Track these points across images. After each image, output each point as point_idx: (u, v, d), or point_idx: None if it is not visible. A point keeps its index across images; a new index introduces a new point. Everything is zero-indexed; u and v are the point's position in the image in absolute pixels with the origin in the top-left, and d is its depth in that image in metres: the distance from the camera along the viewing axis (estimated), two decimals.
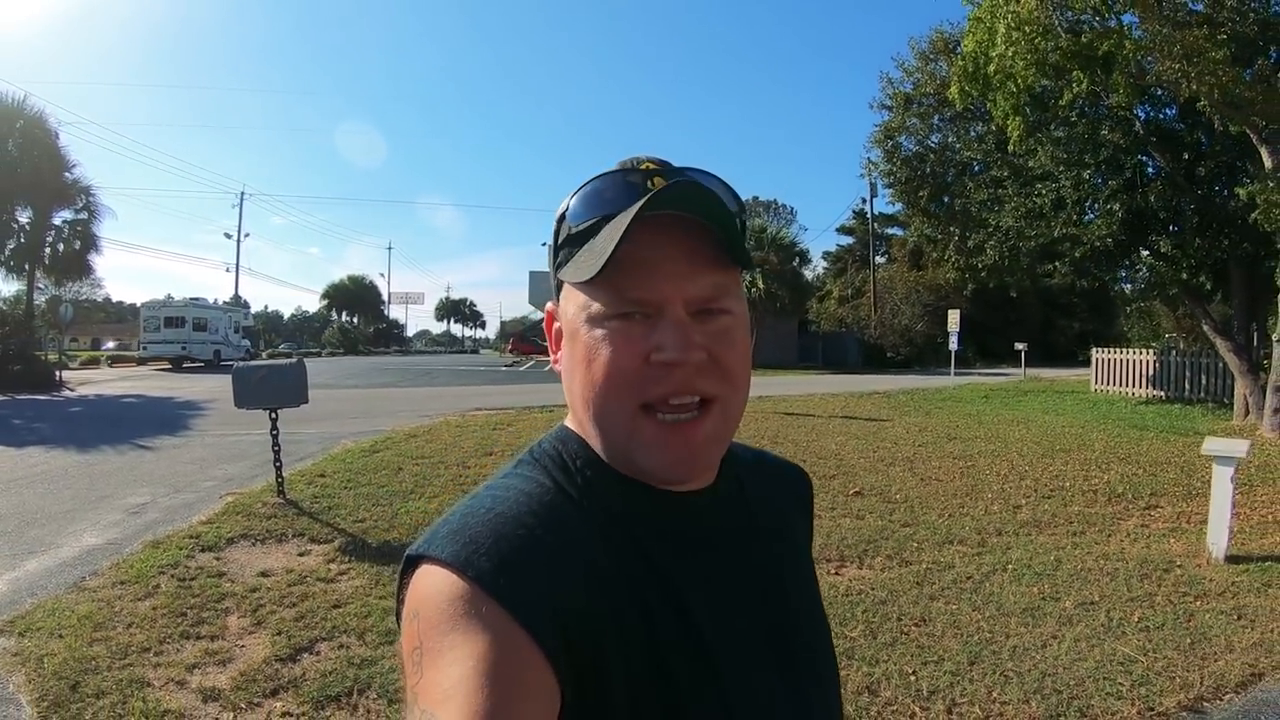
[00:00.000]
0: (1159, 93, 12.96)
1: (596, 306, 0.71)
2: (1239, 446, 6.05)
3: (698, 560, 0.76)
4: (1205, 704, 3.58)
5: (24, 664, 3.74)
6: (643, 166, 0.75)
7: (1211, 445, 6.08)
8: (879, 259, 45.66)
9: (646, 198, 0.67)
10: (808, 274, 36.78)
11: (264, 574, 4.95)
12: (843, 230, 54.14)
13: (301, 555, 5.38)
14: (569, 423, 0.81)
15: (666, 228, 0.69)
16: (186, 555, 5.29)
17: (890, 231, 47.90)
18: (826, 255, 55.80)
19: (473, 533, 0.66)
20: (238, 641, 3.98)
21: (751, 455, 0.95)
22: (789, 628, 0.81)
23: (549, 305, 0.82)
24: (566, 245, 0.75)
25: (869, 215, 42.41)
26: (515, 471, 0.77)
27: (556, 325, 0.80)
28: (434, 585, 0.63)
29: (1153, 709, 3.47)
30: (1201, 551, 5.88)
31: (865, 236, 44.24)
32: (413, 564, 0.67)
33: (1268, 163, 11.27)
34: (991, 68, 12.07)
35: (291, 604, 4.45)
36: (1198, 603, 4.83)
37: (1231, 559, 5.79)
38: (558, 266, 0.76)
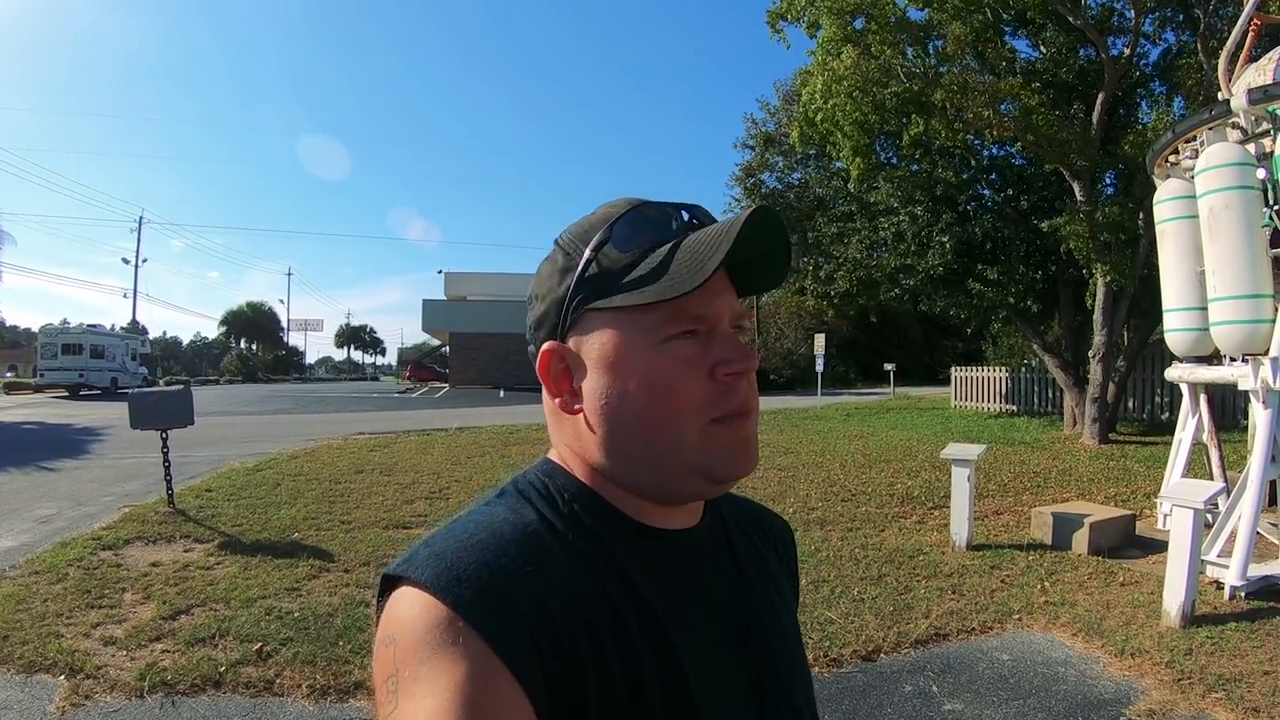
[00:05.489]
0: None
1: (654, 328, 0.70)
2: (973, 450, 6.69)
3: (682, 598, 0.74)
4: (881, 655, 4.38)
5: None
6: (636, 205, 0.74)
7: (950, 450, 6.74)
8: None
9: (750, 210, 0.68)
10: None
11: (154, 564, 6.09)
12: None
13: (186, 551, 6.52)
14: (553, 456, 0.79)
15: None
16: (90, 552, 6.36)
17: None
18: None
19: (454, 558, 0.64)
20: (131, 609, 5.12)
21: (735, 500, 0.94)
22: (769, 673, 0.79)
23: (547, 345, 0.75)
24: (603, 276, 0.72)
25: None
26: (499, 500, 0.75)
27: (563, 364, 0.74)
28: (412, 610, 0.61)
29: (829, 656, 4.32)
30: (949, 542, 6.54)
31: None
32: (390, 584, 0.65)
33: (1080, 196, 12.25)
34: (819, 117, 13.07)
35: (175, 584, 5.59)
36: (922, 581, 5.54)
37: (976, 547, 6.37)
38: (594, 295, 0.72)
